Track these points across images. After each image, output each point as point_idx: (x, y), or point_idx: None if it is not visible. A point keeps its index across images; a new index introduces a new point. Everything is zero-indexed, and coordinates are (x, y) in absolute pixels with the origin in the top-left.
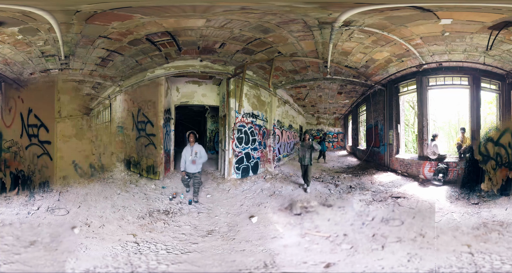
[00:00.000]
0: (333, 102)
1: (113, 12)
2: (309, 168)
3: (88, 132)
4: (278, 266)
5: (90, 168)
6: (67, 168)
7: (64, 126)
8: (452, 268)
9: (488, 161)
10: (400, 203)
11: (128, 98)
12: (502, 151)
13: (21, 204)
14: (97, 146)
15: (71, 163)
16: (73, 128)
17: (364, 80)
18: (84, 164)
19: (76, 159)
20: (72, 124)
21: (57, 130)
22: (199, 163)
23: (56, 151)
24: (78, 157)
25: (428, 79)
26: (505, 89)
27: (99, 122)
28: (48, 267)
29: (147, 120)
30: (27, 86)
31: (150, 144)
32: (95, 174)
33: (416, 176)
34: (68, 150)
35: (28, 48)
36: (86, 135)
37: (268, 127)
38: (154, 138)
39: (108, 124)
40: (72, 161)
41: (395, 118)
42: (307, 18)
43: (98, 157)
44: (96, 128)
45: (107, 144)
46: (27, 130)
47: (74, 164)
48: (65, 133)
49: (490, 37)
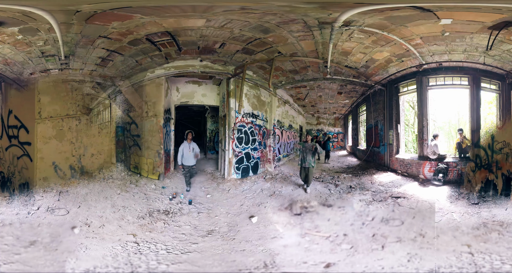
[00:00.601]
0: (333, 102)
1: (113, 12)
2: (311, 170)
3: (68, 134)
4: (278, 266)
5: (70, 169)
6: (47, 169)
7: (44, 127)
8: (452, 268)
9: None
10: (400, 203)
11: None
12: (482, 153)
13: (21, 204)
14: (77, 148)
15: (51, 165)
16: (53, 129)
17: (364, 80)
18: (64, 166)
19: (56, 161)
20: (52, 125)
21: (37, 131)
22: (196, 156)
23: (36, 152)
24: (58, 158)
25: (428, 79)
26: (505, 89)
27: (98, 122)
28: (48, 267)
29: (132, 121)
30: (27, 86)
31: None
32: (75, 175)
33: (416, 176)
34: (49, 151)
35: (28, 48)
36: (66, 136)
37: (268, 127)
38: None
39: (108, 124)
40: (52, 162)
41: (395, 118)
42: (307, 18)
43: (78, 158)
44: (76, 129)
45: (87, 146)
46: (7, 131)
47: (54, 166)
48: (45, 134)
49: (490, 37)
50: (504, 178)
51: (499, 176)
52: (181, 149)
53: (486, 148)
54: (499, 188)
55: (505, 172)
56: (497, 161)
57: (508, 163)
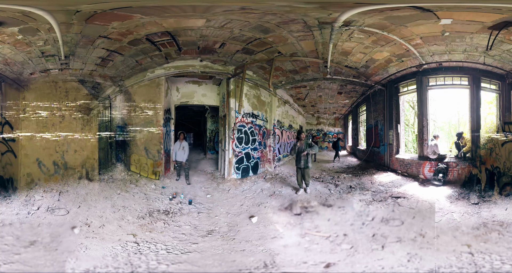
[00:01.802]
0: (333, 102)
1: (113, 12)
2: (307, 171)
3: (51, 130)
4: (278, 266)
5: (53, 165)
6: (31, 166)
7: (28, 123)
8: (452, 268)
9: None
10: (400, 203)
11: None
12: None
13: (21, 204)
14: (61, 144)
15: (35, 161)
16: (37, 126)
17: (364, 80)
18: (48, 162)
19: (40, 157)
20: (36, 122)
21: (22, 127)
22: (185, 154)
23: (21, 148)
24: (42, 154)
25: (428, 79)
26: (505, 89)
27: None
28: (48, 267)
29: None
30: (27, 86)
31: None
32: (59, 171)
33: (416, 176)
34: (33, 147)
35: (28, 48)
36: (50, 132)
37: (268, 127)
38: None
39: (108, 123)
40: (36, 158)
41: (395, 118)
42: (307, 18)
43: (61, 155)
44: (60, 126)
45: (70, 142)
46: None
47: (38, 162)
48: (29, 131)
49: (490, 37)
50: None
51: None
52: (174, 147)
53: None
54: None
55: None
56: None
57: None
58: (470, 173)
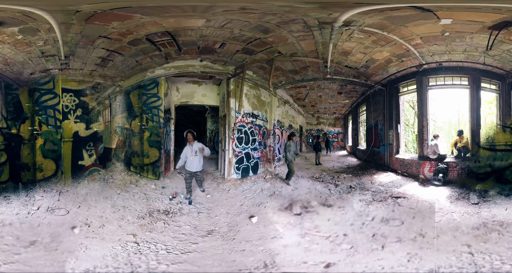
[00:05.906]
0: (333, 102)
1: (113, 12)
2: (290, 165)
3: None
4: (278, 266)
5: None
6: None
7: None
8: (452, 268)
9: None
10: (400, 203)
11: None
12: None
13: (21, 204)
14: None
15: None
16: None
17: (364, 80)
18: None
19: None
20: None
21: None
22: (201, 160)
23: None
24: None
25: (428, 79)
26: (505, 89)
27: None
28: (48, 267)
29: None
30: (27, 86)
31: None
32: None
33: (416, 176)
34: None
35: (28, 48)
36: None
37: (268, 127)
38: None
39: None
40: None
41: (395, 118)
42: (307, 18)
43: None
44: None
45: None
46: None
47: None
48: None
49: (490, 37)
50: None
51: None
52: (183, 154)
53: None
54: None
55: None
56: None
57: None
58: (470, 173)
